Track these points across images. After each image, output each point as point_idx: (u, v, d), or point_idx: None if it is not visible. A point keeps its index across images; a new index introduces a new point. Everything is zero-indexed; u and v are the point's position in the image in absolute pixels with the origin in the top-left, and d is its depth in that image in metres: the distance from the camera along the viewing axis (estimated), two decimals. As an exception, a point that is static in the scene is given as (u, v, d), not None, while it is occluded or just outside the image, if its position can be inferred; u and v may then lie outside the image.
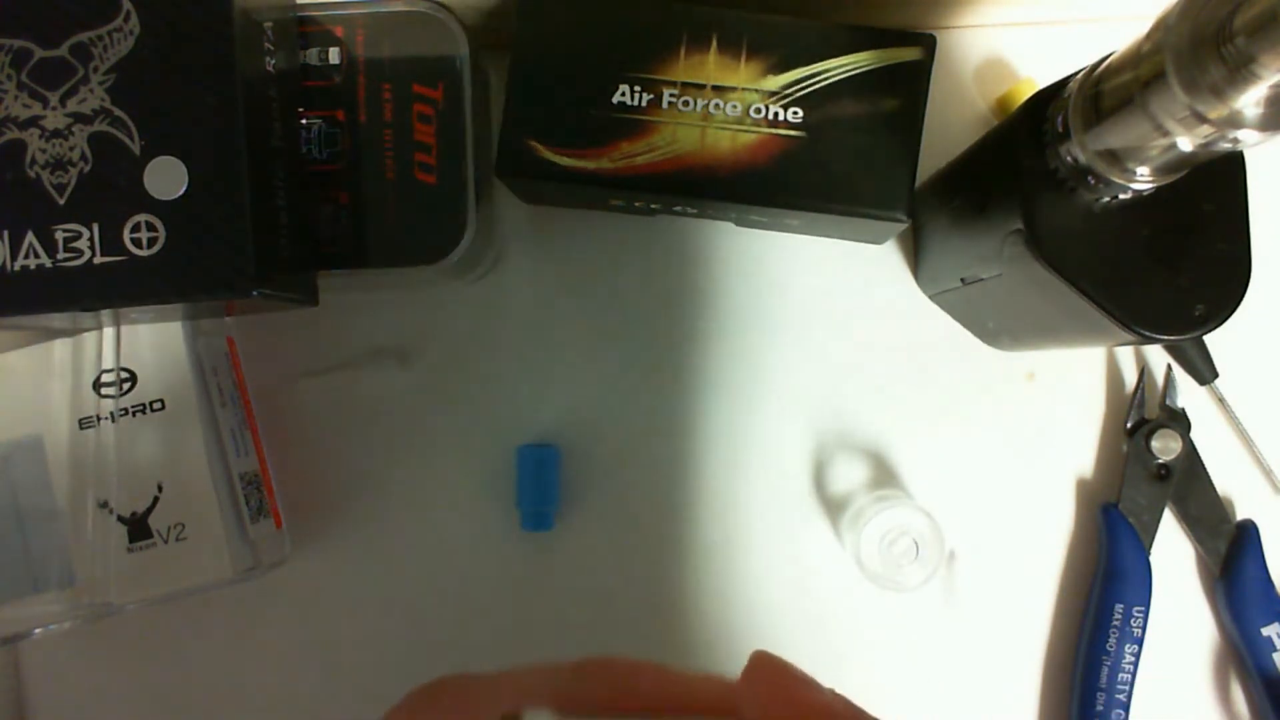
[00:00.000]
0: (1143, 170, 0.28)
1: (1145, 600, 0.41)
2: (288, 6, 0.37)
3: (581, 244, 0.44)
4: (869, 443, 0.44)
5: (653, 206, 0.41)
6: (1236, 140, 0.24)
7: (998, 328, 0.42)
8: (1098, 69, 0.28)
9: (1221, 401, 0.42)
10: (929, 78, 0.36)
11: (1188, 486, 0.42)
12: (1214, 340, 0.42)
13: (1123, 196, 0.29)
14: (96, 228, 0.32)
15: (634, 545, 0.44)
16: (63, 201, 0.33)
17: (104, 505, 0.38)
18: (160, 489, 0.39)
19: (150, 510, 0.39)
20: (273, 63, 0.35)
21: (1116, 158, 0.28)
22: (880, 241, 0.43)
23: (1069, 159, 0.29)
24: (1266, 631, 0.40)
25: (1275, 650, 0.40)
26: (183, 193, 0.32)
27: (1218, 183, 0.30)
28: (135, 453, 0.39)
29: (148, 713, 0.44)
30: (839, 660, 0.43)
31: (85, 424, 0.39)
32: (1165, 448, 0.41)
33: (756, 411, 0.44)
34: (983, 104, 0.44)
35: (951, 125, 0.43)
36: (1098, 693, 0.40)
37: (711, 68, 0.37)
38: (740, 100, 0.37)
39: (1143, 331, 0.30)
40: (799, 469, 0.44)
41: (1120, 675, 0.40)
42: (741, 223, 0.42)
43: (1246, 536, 0.41)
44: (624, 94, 0.37)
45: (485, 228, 0.40)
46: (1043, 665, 0.43)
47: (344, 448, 0.44)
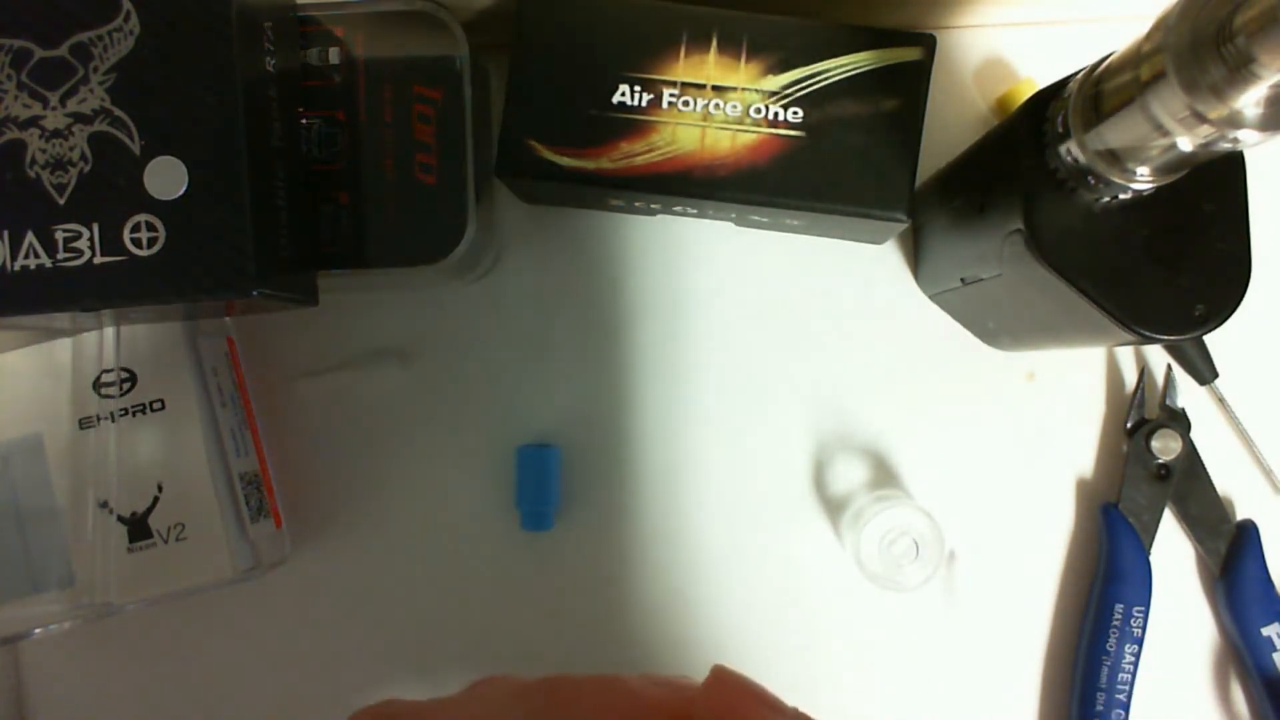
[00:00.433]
0: (1143, 170, 0.28)
1: (1145, 600, 0.41)
2: (288, 6, 0.37)
3: (581, 244, 0.44)
4: (869, 443, 0.44)
5: (653, 206, 0.41)
6: (1236, 140, 0.24)
7: (998, 328, 0.42)
8: (1098, 69, 0.28)
9: (1221, 401, 0.42)
10: (929, 78, 0.36)
11: (1188, 486, 0.42)
12: (1214, 340, 0.42)
13: (1123, 196, 0.29)
14: (96, 228, 0.32)
15: (634, 545, 0.44)
16: (63, 201, 0.33)
17: (104, 505, 0.38)
18: (160, 489, 0.39)
19: (150, 510, 0.39)
20: (273, 63, 0.35)
21: (1116, 158, 0.28)
22: (880, 241, 0.43)
23: (1069, 159, 0.29)
24: (1266, 631, 0.40)
25: (1275, 650, 0.40)
26: (183, 193, 0.32)
27: (1218, 183, 0.30)
28: (135, 453, 0.39)
29: (148, 713, 0.44)
30: (839, 660, 0.43)
31: (85, 424, 0.39)
32: (1165, 448, 0.41)
33: (756, 411, 0.44)
34: (983, 104, 0.44)
35: (951, 125, 0.43)
36: (1098, 693, 0.40)
37: (711, 68, 0.37)
38: (740, 100, 0.37)
39: (1143, 331, 0.30)
40: (799, 469, 0.44)
41: (1120, 675, 0.40)
42: (741, 223, 0.42)
43: (1246, 536, 0.41)
44: (624, 94, 0.37)
45: (485, 228, 0.40)
46: (1043, 665, 0.43)
47: (344, 448, 0.44)
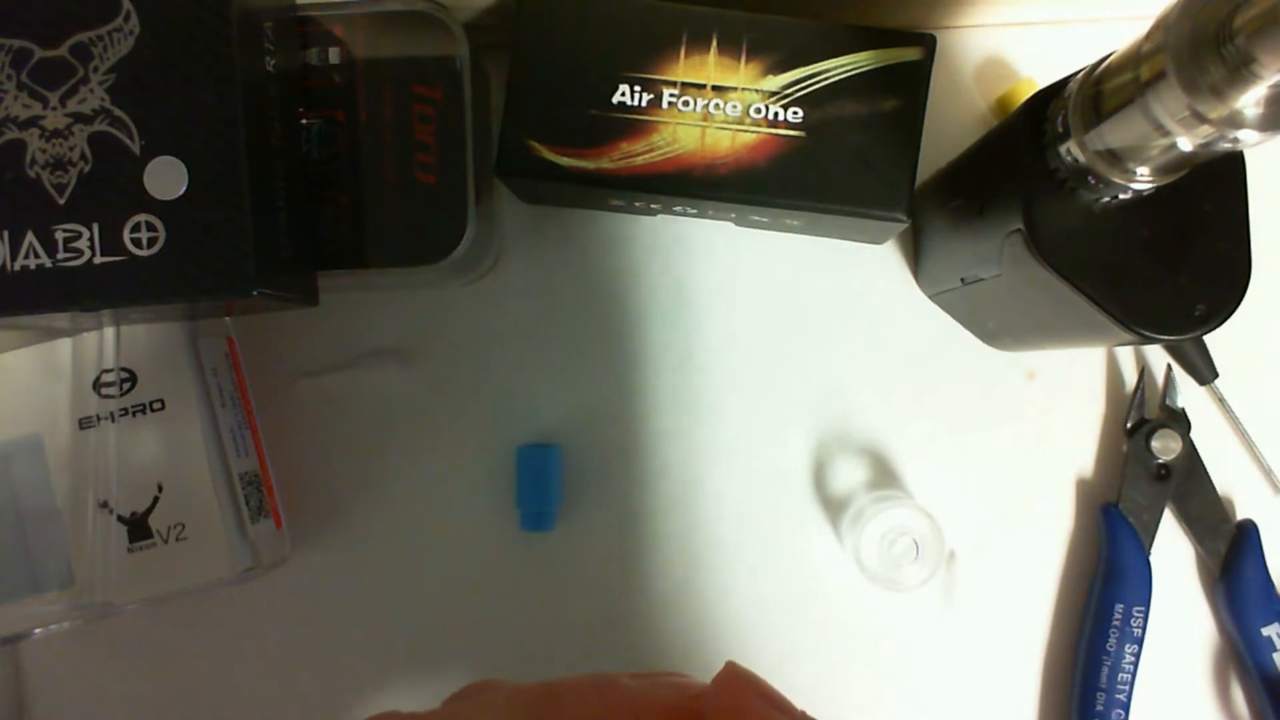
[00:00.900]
0: (1143, 170, 0.28)
1: (1145, 600, 0.41)
2: (288, 6, 0.37)
3: (581, 244, 0.44)
4: (869, 443, 0.44)
5: (653, 206, 0.41)
6: (1236, 140, 0.24)
7: (998, 328, 0.42)
8: (1098, 69, 0.28)
9: (1221, 401, 0.42)
10: (929, 78, 0.36)
11: (1188, 486, 0.42)
12: (1214, 340, 0.42)
13: (1123, 196, 0.29)
14: (96, 228, 0.32)
15: (634, 545, 0.44)
16: (63, 201, 0.33)
17: (104, 505, 0.38)
18: (160, 489, 0.39)
19: (150, 510, 0.39)
20: (273, 63, 0.35)
21: (1116, 158, 0.28)
22: (880, 241, 0.43)
23: (1069, 159, 0.29)
24: (1266, 631, 0.40)
25: (1275, 650, 0.40)
26: (183, 193, 0.32)
27: (1218, 183, 0.30)
28: (135, 453, 0.39)
29: (148, 713, 0.44)
30: (839, 660, 0.43)
31: (85, 424, 0.39)
32: (1165, 448, 0.41)
33: (757, 411, 0.44)
34: (983, 104, 0.44)
35: (951, 125, 0.42)
36: (1098, 693, 0.40)
37: (711, 68, 0.37)
38: (740, 100, 0.37)
39: (1143, 331, 0.30)
40: (799, 469, 0.44)
41: (1120, 675, 0.40)
42: (741, 223, 0.42)
43: (1246, 536, 0.41)
44: (624, 94, 0.37)
45: (485, 228, 0.40)
46: (1043, 665, 0.43)
47: (344, 448, 0.44)
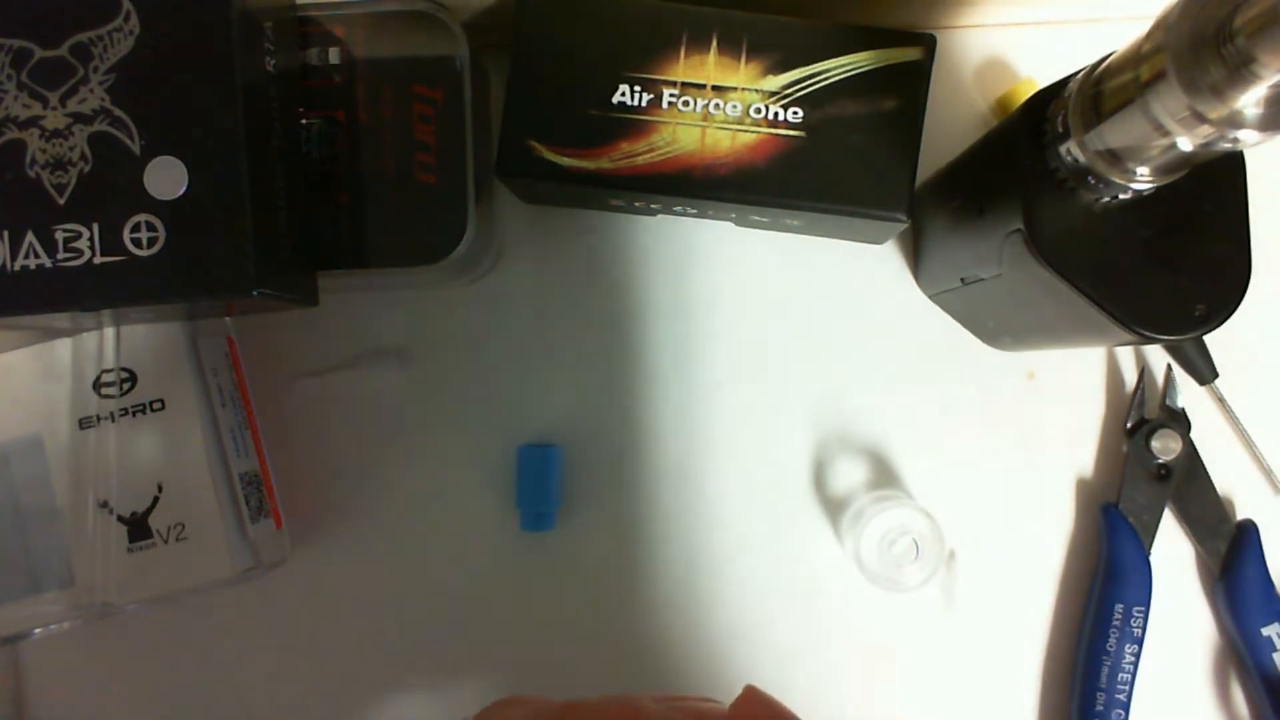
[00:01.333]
0: (1143, 170, 0.28)
1: (1145, 600, 0.41)
2: (288, 6, 0.37)
3: (581, 244, 0.44)
4: (869, 443, 0.44)
5: (653, 206, 0.41)
6: (1236, 140, 0.24)
7: (998, 328, 0.42)
8: (1098, 69, 0.28)
9: (1221, 401, 0.42)
10: (929, 78, 0.36)
11: (1188, 486, 0.42)
12: (1214, 340, 0.42)
13: (1123, 196, 0.29)
14: (96, 228, 0.32)
15: (634, 545, 0.44)
16: (63, 201, 0.33)
17: (104, 505, 0.38)
18: (160, 489, 0.39)
19: (150, 510, 0.39)
20: (273, 63, 0.35)
21: (1116, 158, 0.28)
22: (880, 241, 0.43)
23: (1069, 159, 0.29)
24: (1266, 631, 0.40)
25: (1275, 650, 0.40)
26: (183, 193, 0.32)
27: (1218, 183, 0.30)
28: (135, 453, 0.39)
29: (148, 713, 0.44)
30: (839, 660, 0.43)
31: (85, 424, 0.39)
32: (1165, 448, 0.41)
33: (757, 412, 0.44)
34: (983, 104, 0.44)
35: (951, 125, 0.42)
36: (1098, 693, 0.40)
37: (711, 68, 0.37)
38: (740, 100, 0.37)
39: (1143, 331, 0.30)
40: (799, 469, 0.44)
41: (1120, 675, 0.40)
42: (741, 223, 0.42)
43: (1246, 536, 0.41)
44: (624, 94, 0.37)
45: (485, 228, 0.40)
46: (1043, 665, 0.43)
47: (344, 448, 0.44)
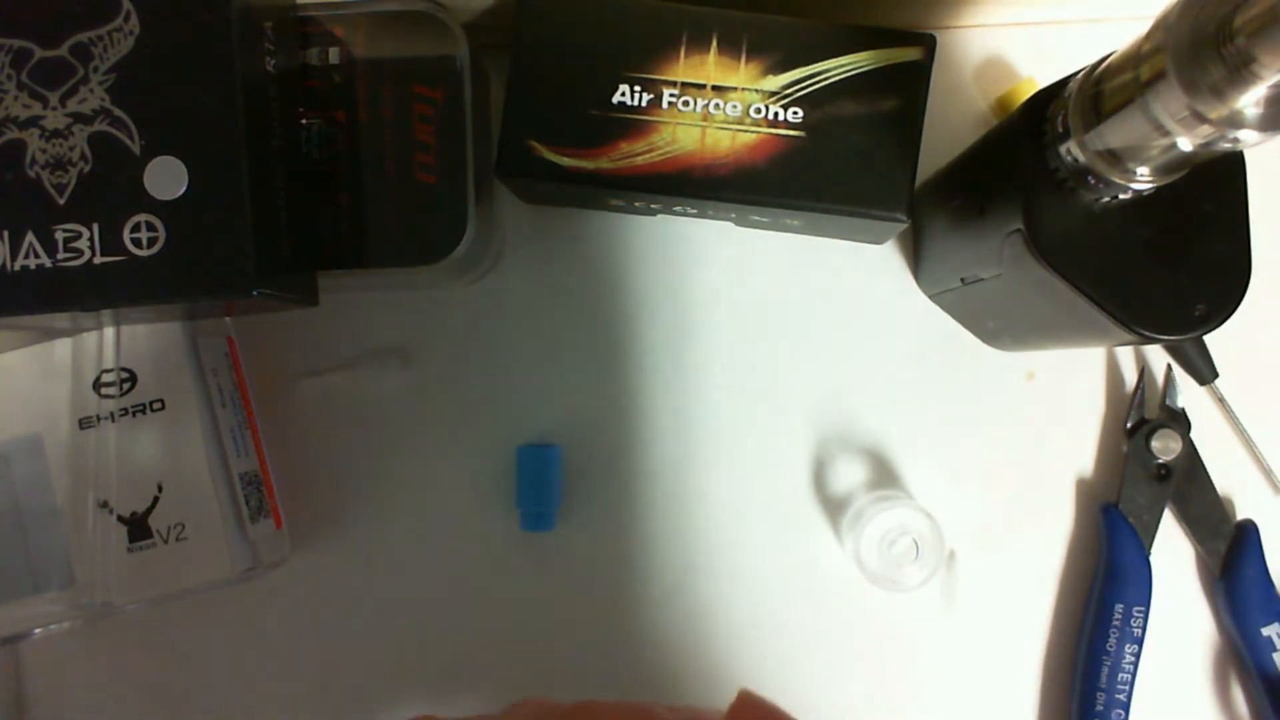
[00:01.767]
0: (1143, 170, 0.28)
1: (1145, 600, 0.41)
2: (288, 6, 0.37)
3: (581, 244, 0.44)
4: (869, 443, 0.44)
5: (653, 206, 0.41)
6: (1236, 140, 0.24)
7: (998, 328, 0.42)
8: (1098, 69, 0.28)
9: (1221, 401, 0.42)
10: (929, 78, 0.36)
11: (1188, 486, 0.42)
12: (1214, 340, 0.42)
13: (1123, 196, 0.29)
14: (96, 228, 0.32)
15: (634, 545, 0.44)
16: (63, 201, 0.33)
17: (104, 505, 0.38)
18: (160, 489, 0.39)
19: (150, 510, 0.39)
20: (273, 63, 0.35)
21: (1116, 158, 0.28)
22: (880, 241, 0.43)
23: (1069, 159, 0.29)
24: (1266, 631, 0.40)
25: (1275, 650, 0.40)
26: (183, 193, 0.32)
27: (1218, 183, 0.30)
28: (135, 453, 0.39)
29: (148, 713, 0.44)
30: (839, 660, 0.43)
31: (85, 424, 0.39)
32: (1165, 448, 0.41)
33: (757, 411, 0.44)
34: (983, 104, 0.44)
35: (951, 125, 0.42)
36: (1098, 693, 0.40)
37: (711, 68, 0.37)
38: (740, 100, 0.37)
39: (1143, 331, 0.30)
40: (799, 469, 0.44)
41: (1120, 675, 0.40)
42: (741, 223, 0.42)
43: (1246, 536, 0.41)
44: (624, 94, 0.37)
45: (485, 228, 0.40)
46: (1043, 665, 0.43)
47: (344, 448, 0.44)
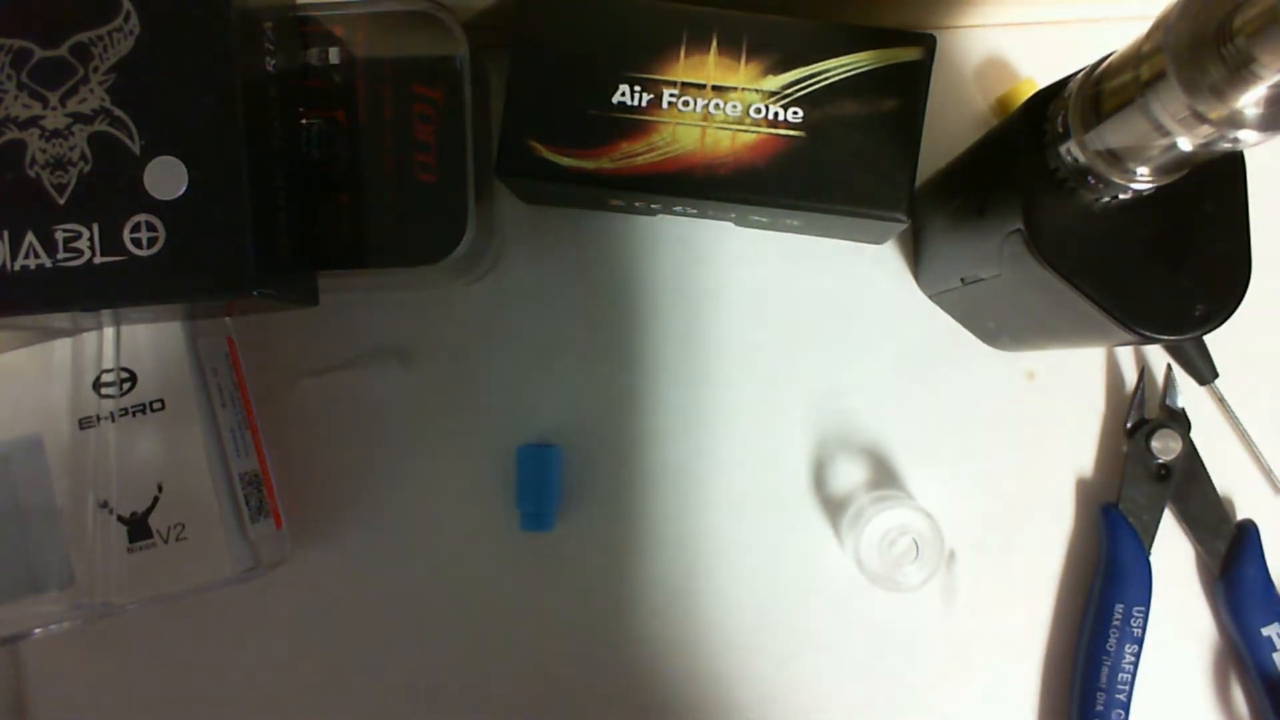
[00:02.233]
0: (1143, 170, 0.28)
1: (1145, 600, 0.41)
2: (288, 6, 0.37)
3: (581, 244, 0.44)
4: (869, 443, 0.44)
5: (653, 206, 0.41)
6: (1236, 140, 0.24)
7: (998, 328, 0.42)
8: (1098, 69, 0.28)
9: (1221, 401, 0.42)
10: (929, 78, 0.36)
11: (1188, 486, 0.42)
12: (1214, 340, 0.42)
13: (1123, 196, 0.29)
14: (96, 228, 0.32)
15: (634, 545, 0.44)
16: (63, 201, 0.33)
17: (104, 505, 0.38)
18: (160, 489, 0.39)
19: (150, 510, 0.39)
20: (273, 63, 0.35)
21: (1116, 158, 0.28)
22: (880, 241, 0.43)
23: (1069, 159, 0.29)
24: (1266, 631, 0.40)
25: (1275, 650, 0.40)
26: (183, 193, 0.32)
27: (1218, 183, 0.30)
28: (135, 453, 0.39)
29: (148, 713, 0.44)
30: (839, 660, 0.43)
31: (85, 424, 0.39)
32: (1165, 448, 0.41)
33: (757, 411, 0.44)
34: (983, 104, 0.44)
35: (951, 125, 0.42)
36: (1098, 693, 0.40)
37: (711, 68, 0.37)
38: (740, 100, 0.37)
39: (1143, 331, 0.30)
40: (799, 469, 0.44)
41: (1120, 675, 0.40)
42: (741, 223, 0.42)
43: (1246, 536, 0.41)
44: (624, 94, 0.37)
45: (485, 228, 0.40)
46: (1043, 665, 0.43)
47: (344, 448, 0.44)
